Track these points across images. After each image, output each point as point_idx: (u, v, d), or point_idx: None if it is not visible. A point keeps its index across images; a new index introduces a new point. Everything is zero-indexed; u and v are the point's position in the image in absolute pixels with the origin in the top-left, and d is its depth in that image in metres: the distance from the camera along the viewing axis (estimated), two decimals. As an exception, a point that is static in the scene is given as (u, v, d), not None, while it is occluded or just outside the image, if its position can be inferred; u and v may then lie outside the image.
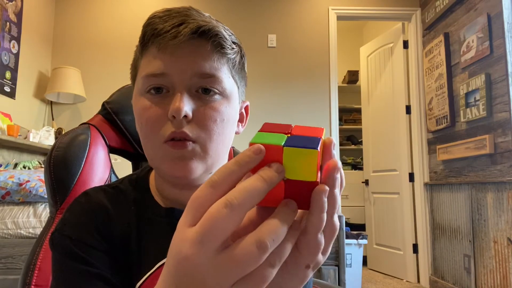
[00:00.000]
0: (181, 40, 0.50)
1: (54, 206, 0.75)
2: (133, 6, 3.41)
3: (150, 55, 0.53)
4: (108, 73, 3.32)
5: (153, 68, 0.52)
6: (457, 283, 2.80)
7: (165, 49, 0.51)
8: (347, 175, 4.35)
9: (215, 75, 0.52)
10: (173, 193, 0.56)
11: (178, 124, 0.50)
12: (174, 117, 0.49)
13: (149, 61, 0.53)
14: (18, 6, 2.85)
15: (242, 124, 0.63)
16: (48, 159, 0.75)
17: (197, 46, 0.52)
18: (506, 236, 2.31)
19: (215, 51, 0.52)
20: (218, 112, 0.52)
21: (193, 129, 0.51)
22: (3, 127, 2.43)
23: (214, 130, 0.52)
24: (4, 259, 1.80)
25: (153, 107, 0.52)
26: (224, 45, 0.53)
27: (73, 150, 0.75)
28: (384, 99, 3.77)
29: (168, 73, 0.51)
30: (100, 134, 0.81)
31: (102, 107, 0.85)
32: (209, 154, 0.53)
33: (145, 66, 0.54)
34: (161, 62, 0.51)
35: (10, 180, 1.94)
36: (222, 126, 0.53)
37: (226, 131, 0.54)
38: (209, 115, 0.52)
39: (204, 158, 0.52)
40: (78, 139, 0.77)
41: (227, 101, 0.54)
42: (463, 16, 2.83)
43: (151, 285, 0.53)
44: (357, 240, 2.97)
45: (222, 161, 0.57)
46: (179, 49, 0.51)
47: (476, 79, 2.60)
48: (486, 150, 2.48)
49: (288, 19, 3.49)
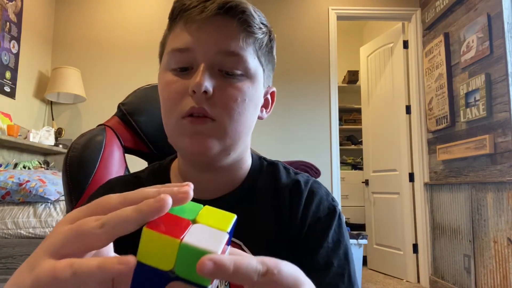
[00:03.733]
0: (207, 15, 0.49)
1: (70, 204, 0.77)
2: (133, 6, 3.41)
3: (177, 29, 0.53)
4: (108, 73, 3.32)
5: (179, 43, 0.52)
6: (457, 283, 2.80)
7: (192, 24, 0.51)
8: (347, 175, 4.35)
9: (240, 54, 0.51)
10: (193, 176, 0.56)
11: (198, 100, 0.49)
12: (194, 92, 0.49)
13: (176, 36, 0.53)
14: (18, 6, 2.85)
15: (266, 110, 0.62)
16: (65, 159, 0.78)
17: (223, 23, 0.51)
18: (506, 236, 2.31)
19: (241, 30, 0.52)
20: (240, 91, 0.51)
21: (213, 107, 0.50)
22: (3, 127, 2.43)
23: (235, 110, 0.51)
24: (4, 259, 1.80)
25: (175, 82, 0.52)
26: (251, 23, 0.52)
27: (89, 150, 0.78)
28: (384, 99, 3.77)
29: (192, 48, 0.51)
30: (115, 135, 0.84)
31: (118, 108, 0.88)
32: (228, 134, 0.52)
33: (172, 41, 0.54)
34: (187, 36, 0.51)
35: (10, 180, 1.94)
36: (243, 106, 0.52)
37: (247, 112, 0.53)
38: (230, 93, 0.51)
39: (222, 138, 0.51)
40: (94, 140, 0.80)
41: (250, 81, 0.53)
42: (463, 16, 2.83)
43: None
44: (357, 240, 2.97)
45: (242, 144, 0.56)
46: (205, 25, 0.51)
47: (476, 79, 2.60)
48: (486, 150, 2.48)
49: (288, 19, 3.49)
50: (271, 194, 0.59)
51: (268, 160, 0.65)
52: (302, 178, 0.61)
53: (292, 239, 0.55)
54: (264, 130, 3.22)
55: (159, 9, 3.37)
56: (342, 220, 0.58)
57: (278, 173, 0.61)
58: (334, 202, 0.59)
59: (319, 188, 0.60)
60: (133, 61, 3.32)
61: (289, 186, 0.59)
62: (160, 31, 0.61)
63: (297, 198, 0.58)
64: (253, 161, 0.63)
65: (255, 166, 0.62)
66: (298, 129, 3.35)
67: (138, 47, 3.33)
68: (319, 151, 3.34)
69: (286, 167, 0.64)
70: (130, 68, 3.30)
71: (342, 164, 4.40)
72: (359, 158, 4.69)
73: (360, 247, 2.99)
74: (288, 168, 0.64)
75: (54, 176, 2.13)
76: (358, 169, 4.59)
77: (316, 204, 0.57)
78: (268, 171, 0.62)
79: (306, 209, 0.57)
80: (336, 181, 3.33)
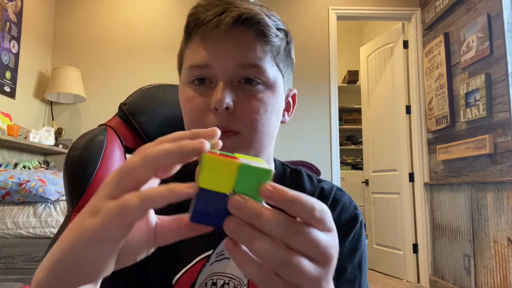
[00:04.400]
0: (223, 29, 0.49)
1: (71, 204, 0.77)
2: (133, 6, 3.41)
3: (194, 44, 0.53)
4: (108, 73, 3.32)
5: (197, 59, 0.52)
6: (457, 283, 2.80)
7: (208, 39, 0.51)
8: (347, 175, 4.35)
9: (258, 65, 0.51)
10: None
11: (221, 118, 0.50)
12: (216, 109, 0.49)
13: (193, 51, 0.53)
14: (18, 6, 2.85)
15: (288, 113, 0.62)
16: (66, 159, 0.78)
17: (239, 35, 0.51)
18: (506, 236, 2.31)
19: (257, 40, 0.52)
20: (262, 102, 0.52)
21: (236, 121, 0.50)
22: (3, 127, 2.43)
23: (258, 121, 0.51)
24: (4, 259, 1.80)
25: (196, 98, 0.52)
26: (267, 33, 0.52)
27: (90, 150, 0.78)
28: (384, 99, 3.77)
29: (210, 64, 0.51)
30: (116, 135, 0.84)
31: (119, 109, 0.88)
32: (252, 146, 0.52)
33: (189, 56, 0.54)
34: (204, 53, 0.51)
35: (10, 180, 1.94)
36: (266, 117, 0.52)
37: (270, 122, 0.53)
38: (252, 106, 0.51)
39: (247, 150, 0.52)
40: (95, 140, 0.80)
41: (271, 91, 0.53)
42: (463, 16, 2.83)
43: (189, 278, 0.53)
44: (357, 240, 2.97)
45: (266, 153, 0.56)
46: (221, 39, 0.51)
47: (476, 79, 2.60)
48: (486, 150, 2.48)
49: (288, 19, 3.48)
50: None
51: (291, 167, 0.65)
52: (326, 186, 0.61)
53: None
54: (264, 130, 3.22)
55: (160, 9, 3.37)
56: (362, 228, 0.59)
57: (302, 180, 0.62)
58: (356, 210, 0.60)
59: (343, 196, 0.61)
60: (133, 61, 3.32)
61: (314, 193, 0.60)
62: (160, 31, 0.61)
63: None
64: (276, 168, 0.63)
65: (279, 173, 0.63)
66: (298, 129, 3.35)
67: (138, 47, 3.33)
68: (319, 151, 3.34)
69: (309, 174, 0.65)
70: (130, 68, 3.30)
71: (342, 164, 4.40)
72: (359, 158, 4.69)
73: (360, 247, 2.99)
74: (311, 175, 0.65)
75: (54, 176, 2.13)
76: (358, 169, 4.59)
77: (339, 211, 0.58)
78: (292, 178, 0.63)
79: None
80: (336, 181, 3.33)
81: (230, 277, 0.54)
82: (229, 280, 0.54)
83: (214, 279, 0.54)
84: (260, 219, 0.26)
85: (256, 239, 0.26)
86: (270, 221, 0.26)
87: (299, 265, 0.26)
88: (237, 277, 0.54)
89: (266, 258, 0.26)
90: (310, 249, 0.26)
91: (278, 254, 0.26)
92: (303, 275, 0.26)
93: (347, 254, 0.54)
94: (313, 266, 0.27)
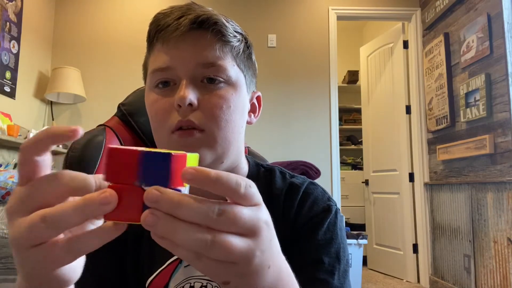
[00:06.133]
0: (182, 31, 0.51)
1: None
2: (133, 6, 3.41)
3: (155, 50, 0.55)
4: (108, 73, 3.32)
5: (159, 63, 0.53)
6: (457, 283, 2.80)
7: (168, 43, 0.52)
8: (347, 175, 4.35)
9: (218, 63, 0.53)
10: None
11: (184, 113, 0.51)
12: (179, 106, 0.50)
13: (155, 57, 0.54)
14: (18, 6, 2.85)
15: (254, 115, 0.63)
16: (65, 159, 0.78)
17: (198, 36, 0.52)
18: (506, 236, 2.31)
19: (216, 40, 0.53)
20: (224, 99, 0.53)
21: (199, 117, 0.51)
22: (3, 127, 2.43)
23: (221, 117, 0.52)
24: (4, 259, 1.80)
25: (160, 100, 0.53)
26: (224, 32, 0.53)
27: (88, 151, 0.79)
28: (384, 99, 3.77)
29: (172, 66, 0.52)
30: (115, 136, 0.84)
31: (118, 109, 0.88)
32: (217, 142, 0.53)
33: (152, 62, 0.55)
34: (165, 56, 0.53)
35: (10, 180, 1.94)
36: (229, 113, 0.53)
37: (234, 118, 0.54)
38: (215, 102, 0.52)
39: (213, 147, 0.52)
40: (94, 141, 0.80)
41: (233, 89, 0.54)
42: (463, 16, 2.83)
43: (162, 280, 0.54)
44: (357, 240, 2.97)
45: (234, 150, 0.57)
46: (181, 41, 0.52)
47: (476, 79, 2.60)
48: (486, 150, 2.48)
49: (288, 19, 3.49)
50: (266, 200, 0.59)
51: (265, 166, 0.65)
52: (298, 181, 0.61)
53: (286, 239, 0.56)
54: (264, 130, 3.23)
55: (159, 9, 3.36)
56: (339, 219, 0.58)
57: (274, 178, 0.62)
58: (330, 201, 0.59)
59: (315, 189, 0.61)
60: (133, 61, 3.31)
61: (284, 189, 0.60)
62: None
63: (291, 200, 0.58)
64: (250, 168, 0.64)
65: (252, 173, 0.63)
66: (298, 129, 3.35)
67: (138, 47, 3.33)
68: (319, 151, 3.34)
69: (282, 171, 0.65)
70: (130, 68, 3.30)
71: (342, 164, 4.40)
72: (359, 158, 4.69)
73: (360, 247, 2.99)
74: (285, 172, 0.65)
75: (54, 176, 2.12)
76: (358, 169, 4.59)
77: (310, 204, 0.58)
78: (265, 177, 0.63)
79: (299, 209, 0.58)
80: (336, 181, 3.33)
81: (208, 280, 0.54)
82: (207, 283, 0.54)
83: (192, 282, 0.55)
84: (180, 209, 0.25)
85: (176, 230, 0.25)
86: (191, 208, 0.25)
87: (223, 244, 0.26)
88: None
89: (190, 245, 0.26)
90: (233, 226, 0.27)
91: (200, 238, 0.26)
92: (229, 251, 0.26)
93: (322, 245, 0.54)
94: (240, 240, 0.27)
